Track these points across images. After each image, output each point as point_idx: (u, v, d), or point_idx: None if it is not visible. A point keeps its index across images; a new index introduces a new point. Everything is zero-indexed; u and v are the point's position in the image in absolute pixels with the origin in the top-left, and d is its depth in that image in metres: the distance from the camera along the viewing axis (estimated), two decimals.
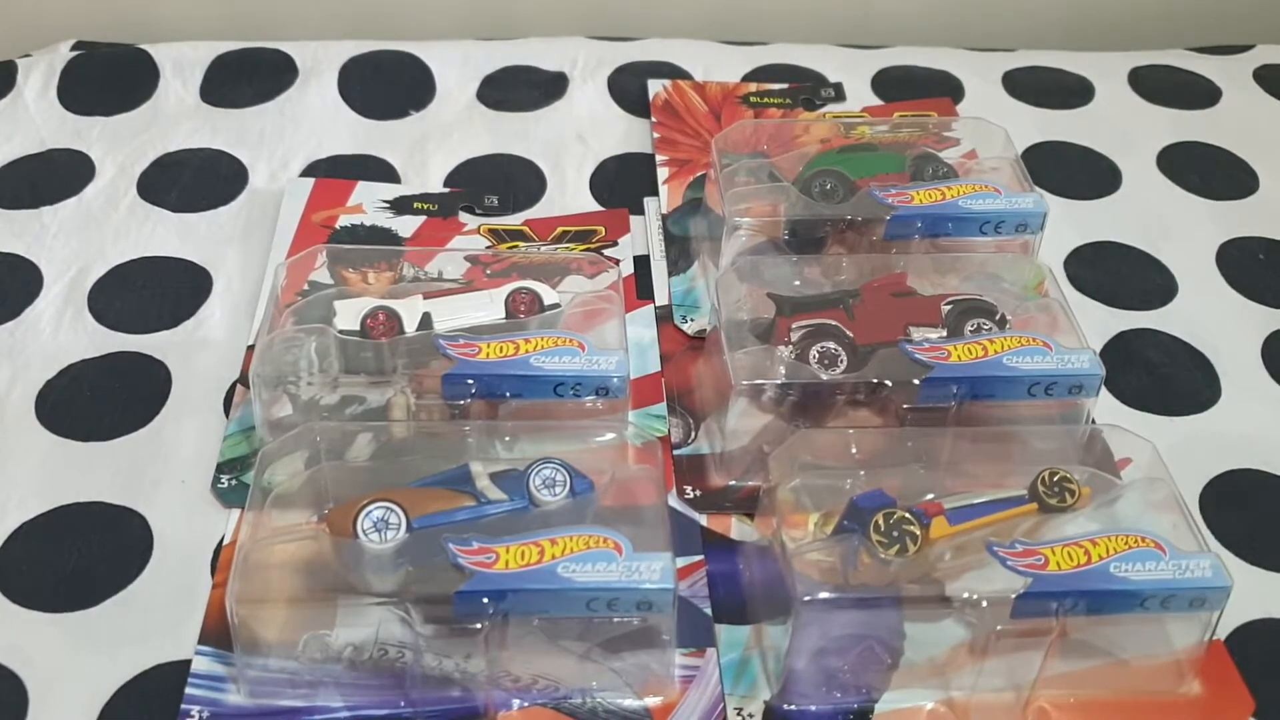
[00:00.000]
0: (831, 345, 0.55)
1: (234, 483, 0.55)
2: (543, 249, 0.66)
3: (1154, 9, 0.94)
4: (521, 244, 0.67)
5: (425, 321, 0.56)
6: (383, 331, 0.55)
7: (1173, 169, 0.76)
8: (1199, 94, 0.83)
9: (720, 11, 0.92)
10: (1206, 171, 0.76)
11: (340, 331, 0.56)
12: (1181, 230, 0.72)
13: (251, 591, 0.46)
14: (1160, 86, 0.83)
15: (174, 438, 0.58)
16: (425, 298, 0.57)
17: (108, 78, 0.78)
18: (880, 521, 0.46)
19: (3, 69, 0.79)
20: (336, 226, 0.67)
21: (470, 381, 0.54)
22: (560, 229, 0.68)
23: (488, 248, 0.66)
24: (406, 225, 0.68)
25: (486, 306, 0.58)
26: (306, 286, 0.60)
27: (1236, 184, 0.75)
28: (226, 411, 0.59)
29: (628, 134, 0.77)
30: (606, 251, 0.66)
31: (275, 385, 0.55)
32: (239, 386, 0.59)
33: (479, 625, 0.45)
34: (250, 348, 0.61)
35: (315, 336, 0.56)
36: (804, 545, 0.48)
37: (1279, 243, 0.71)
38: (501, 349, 0.54)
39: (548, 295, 0.58)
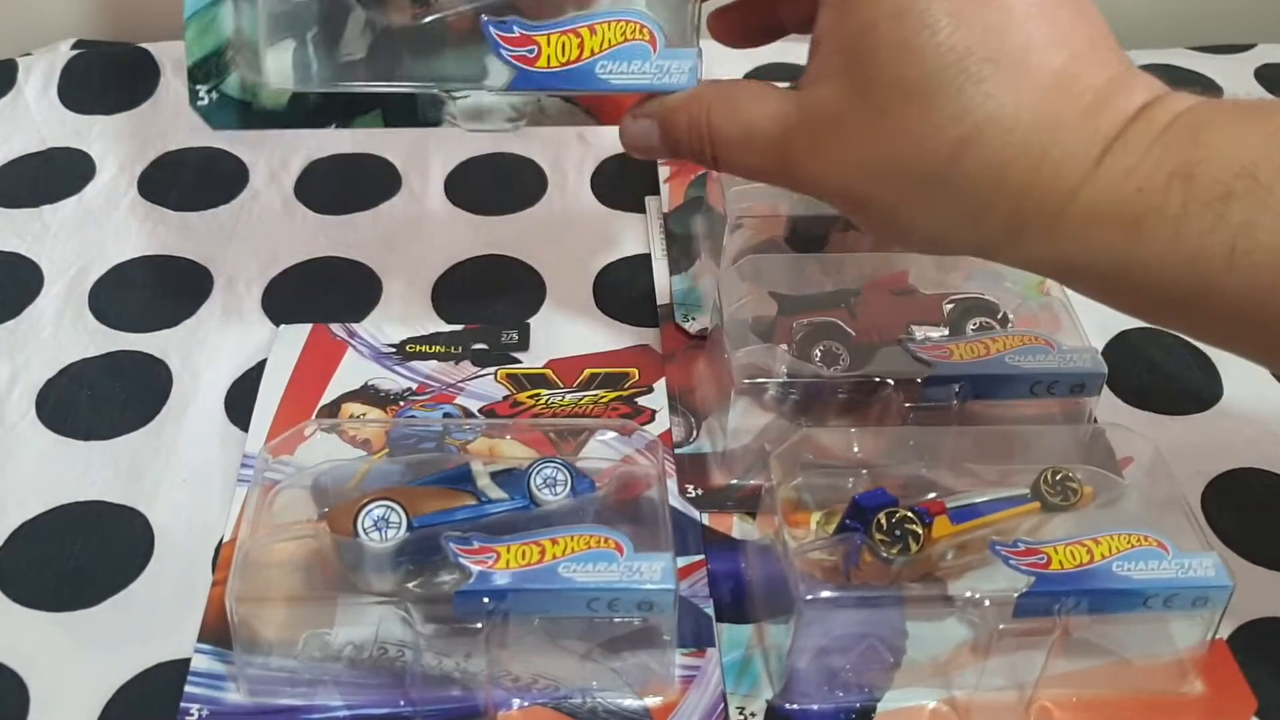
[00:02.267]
0: (833, 344, 0.55)
1: (215, 96, 0.46)
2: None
3: (1154, 8, 0.94)
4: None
5: None
6: None
7: None
8: (1199, 93, 0.82)
9: None
10: None
11: None
12: None
13: (251, 590, 0.46)
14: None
15: (174, 436, 0.58)
16: None
17: (108, 76, 0.78)
18: (882, 520, 0.46)
19: (3, 68, 0.78)
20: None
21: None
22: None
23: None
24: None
25: None
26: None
27: None
28: (227, 411, 0.59)
29: None
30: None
31: None
32: None
33: (479, 625, 0.45)
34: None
35: None
36: (806, 544, 0.48)
37: None
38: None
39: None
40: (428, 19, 0.45)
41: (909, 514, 0.46)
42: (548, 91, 0.47)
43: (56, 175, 0.72)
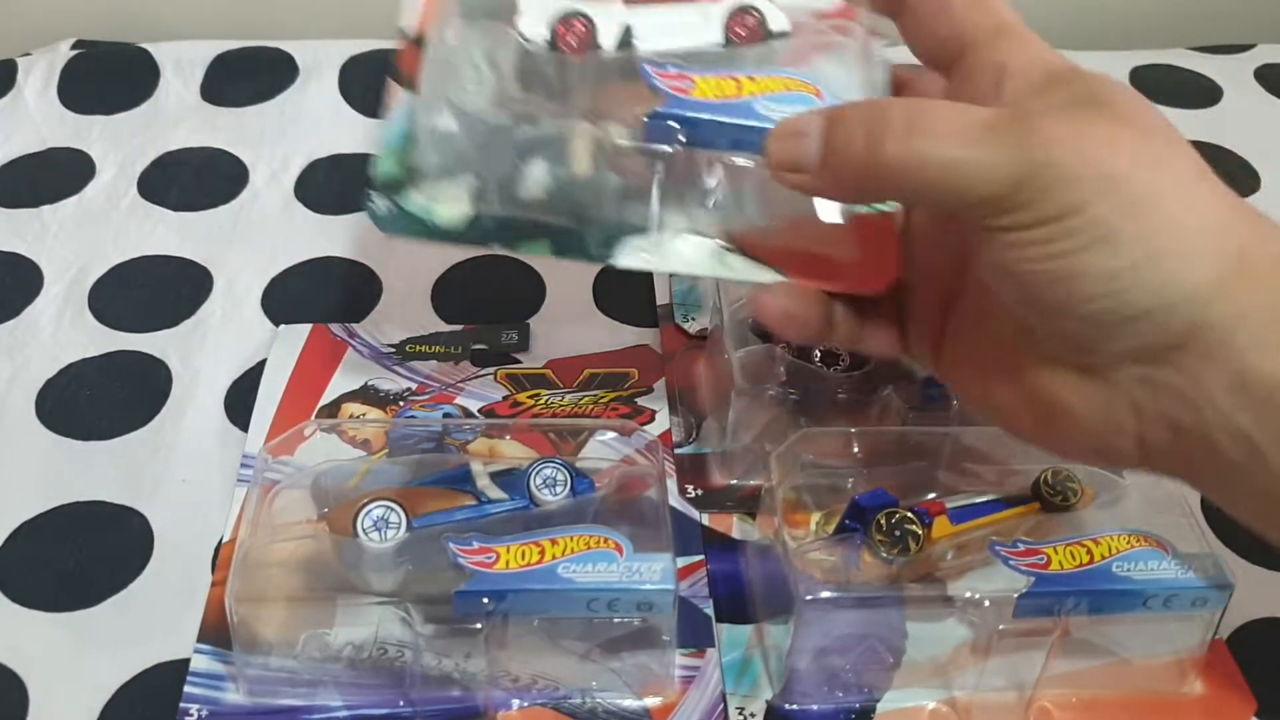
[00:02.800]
0: (833, 344, 0.55)
1: (393, 209, 0.46)
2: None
3: (1154, 8, 0.94)
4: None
5: (626, 37, 0.46)
6: (575, 45, 0.46)
7: None
8: (1200, 93, 0.82)
9: None
10: None
11: (523, 37, 0.46)
12: None
13: (251, 590, 0.46)
14: (1161, 86, 0.83)
15: (174, 437, 0.58)
16: (626, 3, 0.47)
17: (108, 76, 0.78)
18: (882, 521, 0.46)
19: (3, 68, 0.78)
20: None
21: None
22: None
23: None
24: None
25: (699, 27, 0.47)
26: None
27: (1238, 183, 0.75)
28: (227, 411, 0.59)
29: None
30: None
31: (440, 87, 0.46)
32: (391, 85, 0.48)
33: (479, 625, 0.45)
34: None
35: (488, 39, 0.47)
36: (806, 544, 0.47)
37: None
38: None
39: (773, 18, 0.47)
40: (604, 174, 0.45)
41: (909, 514, 0.46)
42: (700, 132, 0.44)
43: (56, 175, 0.72)
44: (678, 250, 0.45)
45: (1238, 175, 0.76)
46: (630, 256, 0.45)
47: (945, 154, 0.36)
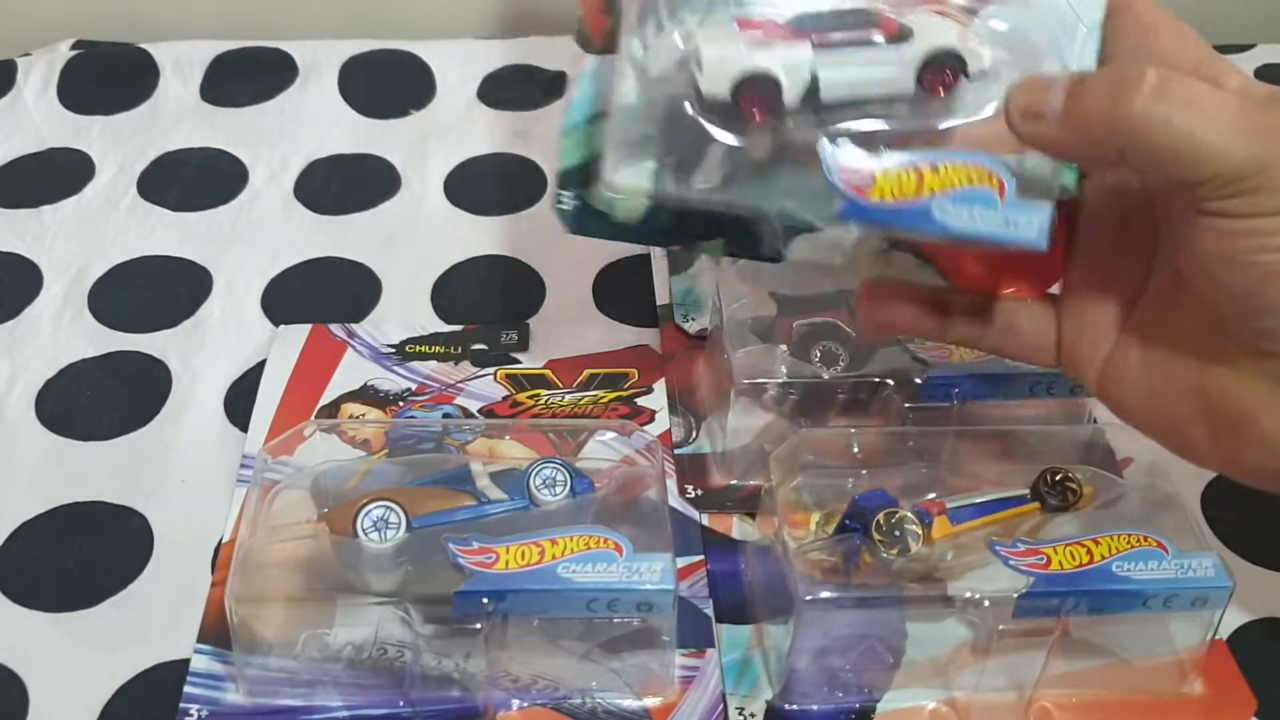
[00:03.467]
0: (833, 344, 0.55)
1: (577, 204, 0.45)
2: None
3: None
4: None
5: (813, 88, 0.42)
6: (758, 113, 0.42)
7: None
8: None
9: None
10: None
11: (702, 97, 0.42)
12: None
13: (250, 590, 0.46)
14: None
15: (174, 437, 0.58)
16: (815, 47, 0.42)
17: (107, 77, 0.78)
18: (882, 521, 0.46)
19: (2, 68, 0.78)
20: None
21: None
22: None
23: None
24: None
25: (891, 74, 0.42)
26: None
27: None
28: (226, 412, 0.59)
29: None
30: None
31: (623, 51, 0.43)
32: (574, 48, 0.46)
33: (478, 625, 0.45)
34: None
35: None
36: (805, 545, 0.47)
37: None
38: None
39: (975, 60, 0.42)
40: (782, 154, 0.42)
41: (909, 514, 0.46)
42: (878, 227, 0.43)
43: (56, 175, 0.72)
44: (843, 246, 0.44)
45: None
46: (800, 252, 0.44)
47: (1191, 121, 0.36)
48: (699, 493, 0.55)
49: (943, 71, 0.42)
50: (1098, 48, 0.42)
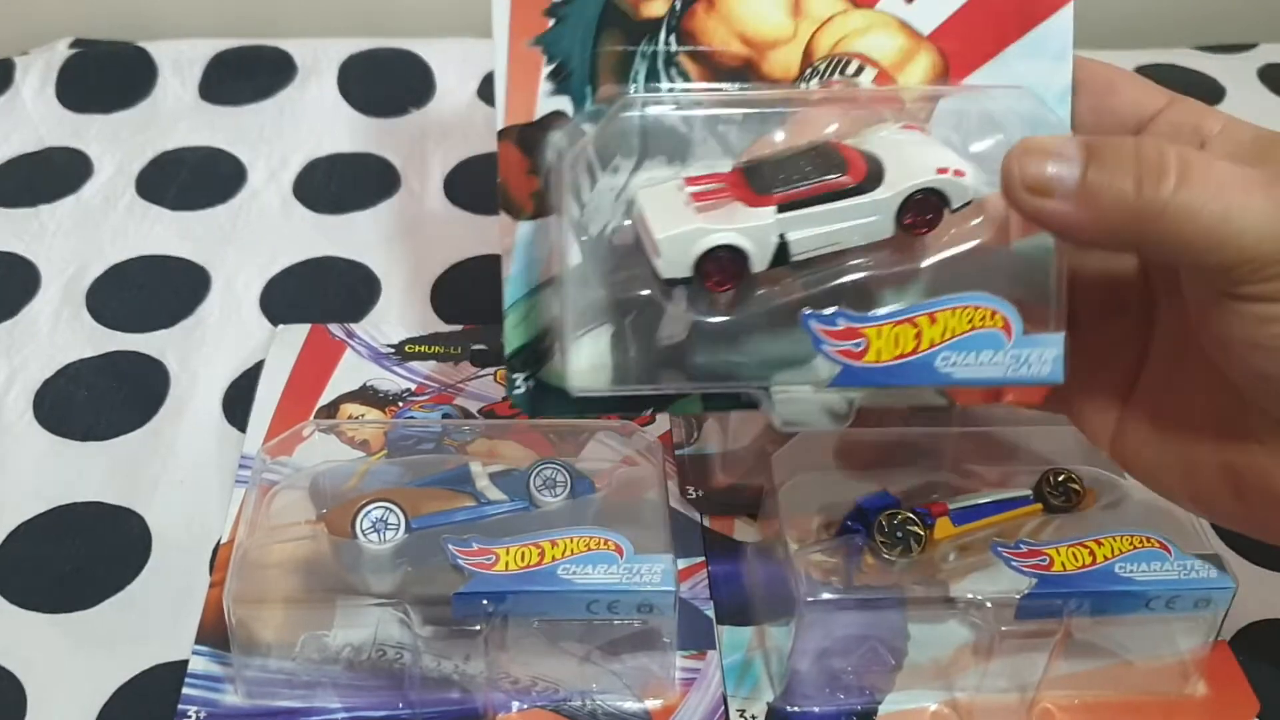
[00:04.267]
0: None
1: (531, 384, 0.43)
2: None
3: (1157, 7, 0.94)
4: None
5: (781, 253, 0.38)
6: (723, 283, 0.38)
7: None
8: (1203, 92, 0.82)
9: None
10: None
11: (665, 281, 0.39)
12: None
13: (249, 591, 0.45)
14: (1165, 85, 0.82)
15: (172, 437, 0.57)
16: (779, 209, 0.38)
17: (106, 76, 0.78)
18: (884, 522, 0.46)
19: (0, 67, 0.78)
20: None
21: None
22: None
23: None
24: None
25: (867, 220, 0.38)
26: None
27: None
28: (225, 412, 0.58)
29: None
30: None
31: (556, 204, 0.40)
32: (501, 216, 0.42)
33: (478, 627, 0.45)
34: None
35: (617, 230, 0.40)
36: (807, 546, 0.47)
37: None
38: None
39: (957, 194, 0.39)
40: (752, 306, 0.40)
41: (910, 516, 0.46)
42: (878, 389, 0.40)
43: (54, 175, 0.72)
44: (833, 409, 0.42)
45: None
46: (785, 410, 0.41)
47: (1221, 207, 0.34)
48: (700, 494, 0.55)
49: (925, 211, 0.38)
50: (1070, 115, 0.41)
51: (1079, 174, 0.35)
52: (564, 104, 0.41)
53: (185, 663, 0.48)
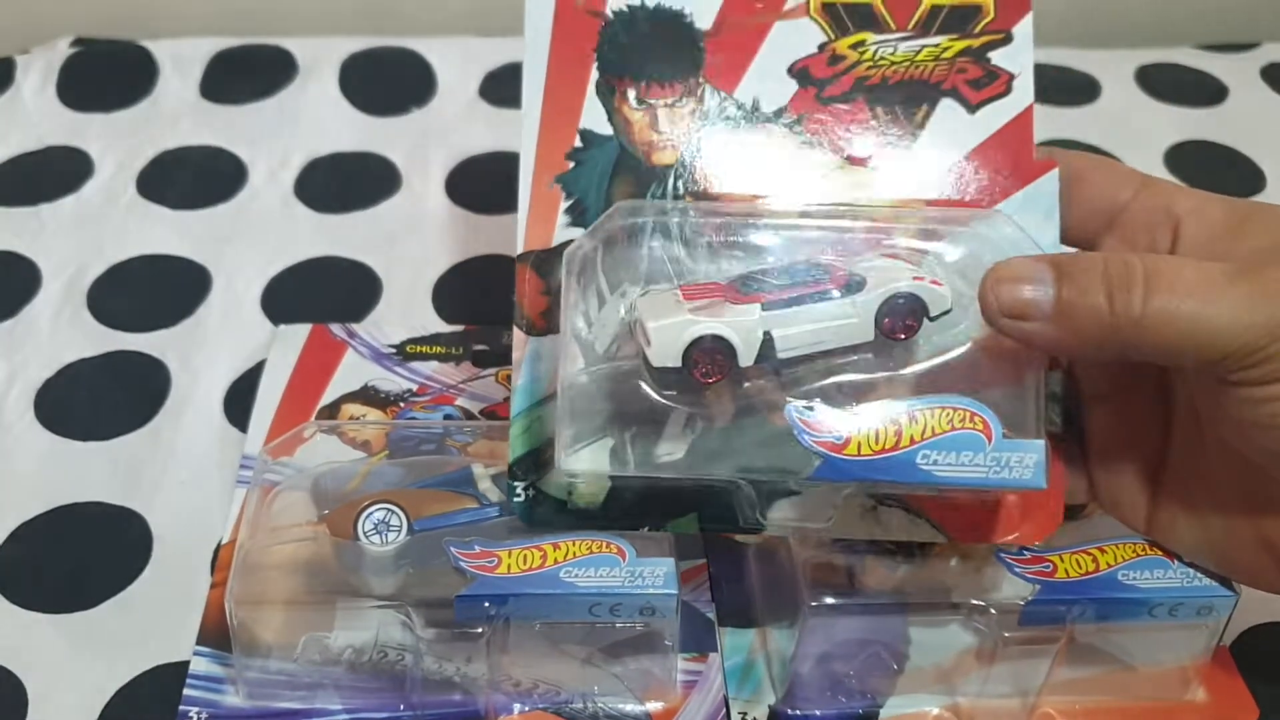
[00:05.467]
0: None
1: (531, 494, 0.45)
2: (901, 47, 0.46)
3: (1160, 6, 0.94)
4: (870, 38, 0.46)
5: (767, 347, 0.41)
6: (711, 375, 0.40)
7: (1180, 167, 0.76)
8: (1206, 92, 0.82)
9: None
10: (1214, 169, 0.76)
11: (653, 370, 0.41)
12: None
13: (251, 592, 0.45)
14: (1167, 84, 0.82)
15: (173, 437, 0.57)
16: (764, 308, 0.41)
17: (107, 74, 0.78)
18: None
19: (1, 65, 0.78)
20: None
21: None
22: (928, 3, 0.47)
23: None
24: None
25: (847, 322, 0.41)
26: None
27: (1243, 182, 0.75)
28: (226, 412, 0.58)
29: None
30: (995, 56, 0.46)
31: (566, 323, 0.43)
32: (515, 331, 0.44)
33: (480, 629, 0.45)
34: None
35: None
36: (811, 550, 0.47)
37: None
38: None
39: (936, 301, 0.41)
40: (745, 417, 0.41)
41: None
42: (860, 482, 0.41)
43: (54, 174, 0.72)
44: (827, 509, 0.43)
45: (1243, 174, 0.75)
46: (782, 518, 0.43)
47: (1193, 309, 0.35)
48: None
49: (903, 317, 0.40)
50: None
51: (1053, 295, 0.37)
52: (578, 235, 0.44)
53: (186, 664, 0.48)
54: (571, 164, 0.45)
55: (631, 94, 0.45)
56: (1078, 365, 0.44)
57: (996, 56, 0.44)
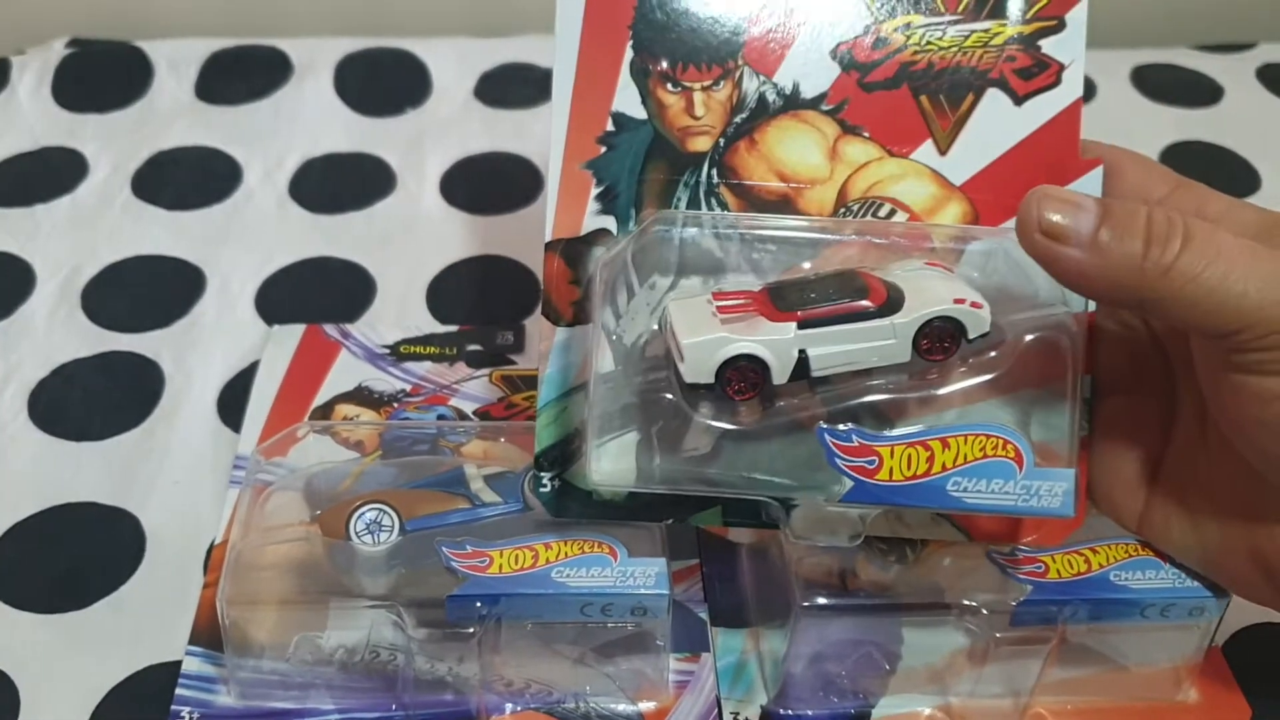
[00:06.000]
0: None
1: (557, 484, 0.44)
2: (949, 32, 0.45)
3: (1155, 6, 0.94)
4: (917, 20, 0.45)
5: (802, 366, 0.40)
6: (744, 392, 0.40)
7: (1176, 168, 0.74)
8: (1202, 92, 0.82)
9: None
10: (1210, 170, 0.75)
11: (689, 387, 0.40)
12: None
13: (243, 592, 0.45)
14: (1163, 84, 0.82)
15: (166, 438, 0.57)
16: (800, 326, 0.39)
17: (102, 75, 0.78)
18: None
19: None
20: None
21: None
22: None
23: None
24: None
25: (884, 343, 0.40)
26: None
27: (1239, 182, 0.75)
28: (220, 412, 0.58)
29: None
30: (1045, 44, 0.45)
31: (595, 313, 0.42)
32: (542, 322, 0.44)
33: (471, 629, 0.45)
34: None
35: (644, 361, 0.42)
36: (804, 550, 0.47)
37: None
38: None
39: (974, 323, 0.40)
40: (773, 419, 0.41)
41: None
42: (889, 507, 0.41)
43: (49, 174, 0.72)
44: (849, 523, 0.42)
45: (1239, 174, 0.75)
46: (803, 526, 0.42)
47: (1222, 270, 0.35)
48: None
49: (941, 339, 0.40)
50: None
51: (1093, 226, 0.37)
52: (609, 223, 0.43)
53: (179, 663, 0.48)
54: (603, 149, 0.43)
55: (667, 76, 0.43)
56: (1098, 355, 0.44)
57: (1047, 44, 0.43)
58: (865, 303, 0.39)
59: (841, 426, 0.40)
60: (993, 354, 0.41)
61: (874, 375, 0.40)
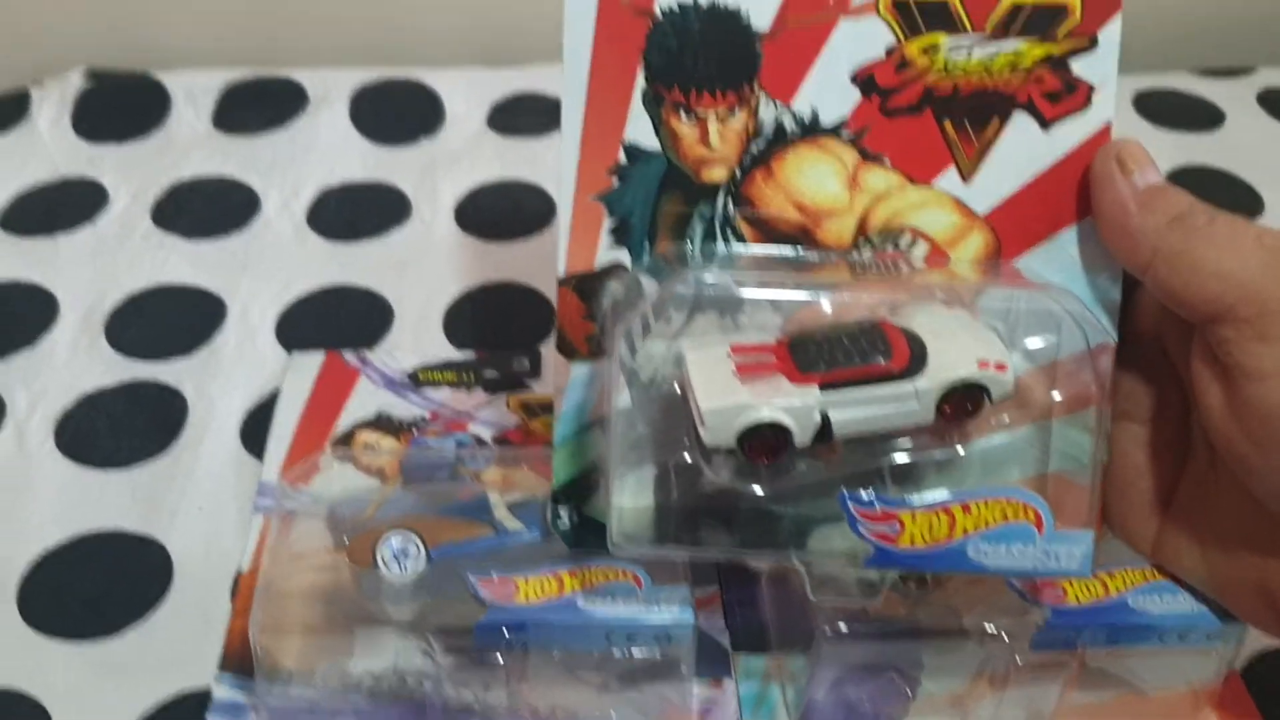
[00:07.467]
0: None
1: (575, 519, 0.44)
2: (975, 53, 0.43)
3: (1156, 31, 0.95)
4: (943, 39, 0.43)
5: (824, 431, 0.39)
6: (767, 458, 0.40)
7: None
8: (1203, 117, 0.83)
9: None
10: (1211, 195, 0.75)
11: (705, 447, 0.40)
12: None
13: (273, 620, 0.46)
14: (1165, 109, 0.83)
15: (191, 465, 0.58)
16: (822, 389, 0.39)
17: (120, 105, 0.79)
18: None
19: (16, 97, 0.79)
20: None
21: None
22: (1008, 2, 0.47)
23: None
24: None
25: (907, 408, 0.39)
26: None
27: (1241, 207, 0.75)
28: (242, 440, 0.59)
29: None
30: (1076, 64, 0.44)
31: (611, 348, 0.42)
32: (556, 356, 0.43)
33: (499, 657, 0.45)
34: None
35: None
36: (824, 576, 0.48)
37: None
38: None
39: (999, 388, 0.40)
40: (793, 481, 0.41)
41: None
42: (910, 570, 0.41)
43: (70, 204, 0.72)
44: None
45: (1240, 199, 0.76)
46: (822, 544, 0.41)
47: (1213, 250, 0.38)
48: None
49: (964, 404, 0.39)
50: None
51: (1156, 179, 0.40)
52: (622, 256, 0.43)
53: (208, 691, 0.48)
54: (615, 180, 0.42)
55: (681, 104, 0.42)
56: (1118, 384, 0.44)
57: (1078, 65, 0.42)
58: (888, 365, 0.39)
59: (863, 494, 0.40)
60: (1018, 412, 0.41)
61: (896, 435, 0.40)
